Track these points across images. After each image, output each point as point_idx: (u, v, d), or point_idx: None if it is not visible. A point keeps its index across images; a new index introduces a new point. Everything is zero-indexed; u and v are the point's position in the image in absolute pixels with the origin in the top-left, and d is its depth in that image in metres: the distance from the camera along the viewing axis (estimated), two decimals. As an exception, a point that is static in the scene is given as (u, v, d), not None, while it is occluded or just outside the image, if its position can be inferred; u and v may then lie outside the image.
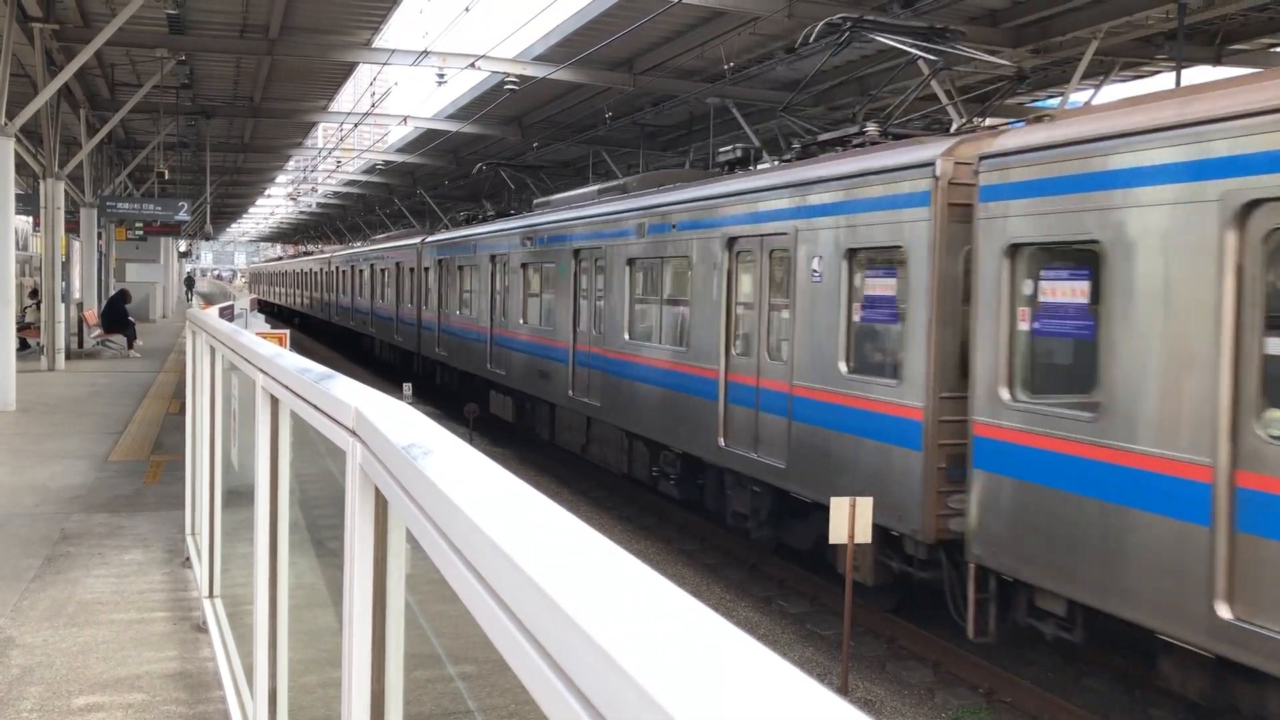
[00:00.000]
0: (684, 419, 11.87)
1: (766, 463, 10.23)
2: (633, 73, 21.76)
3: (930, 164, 8.21)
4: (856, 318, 9.23)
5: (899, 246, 8.57)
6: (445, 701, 4.72)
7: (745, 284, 11.01)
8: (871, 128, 10.34)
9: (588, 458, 15.34)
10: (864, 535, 8.01)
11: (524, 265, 17.48)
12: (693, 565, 11.83)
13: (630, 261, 13.48)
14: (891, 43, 11.82)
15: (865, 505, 8.02)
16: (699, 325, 11.60)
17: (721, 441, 11.06)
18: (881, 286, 8.98)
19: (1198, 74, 20.28)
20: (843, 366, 9.24)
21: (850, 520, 7.94)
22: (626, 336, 13.51)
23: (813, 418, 9.61)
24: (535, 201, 19.24)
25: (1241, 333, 5.87)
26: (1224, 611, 5.84)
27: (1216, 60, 17.62)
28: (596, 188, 16.69)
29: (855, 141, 10.38)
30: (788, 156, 12.59)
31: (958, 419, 8.05)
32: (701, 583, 11.12)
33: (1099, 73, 19.07)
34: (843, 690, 8.22)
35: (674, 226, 12.43)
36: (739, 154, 13.92)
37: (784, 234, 10.08)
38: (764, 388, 10.43)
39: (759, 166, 13.79)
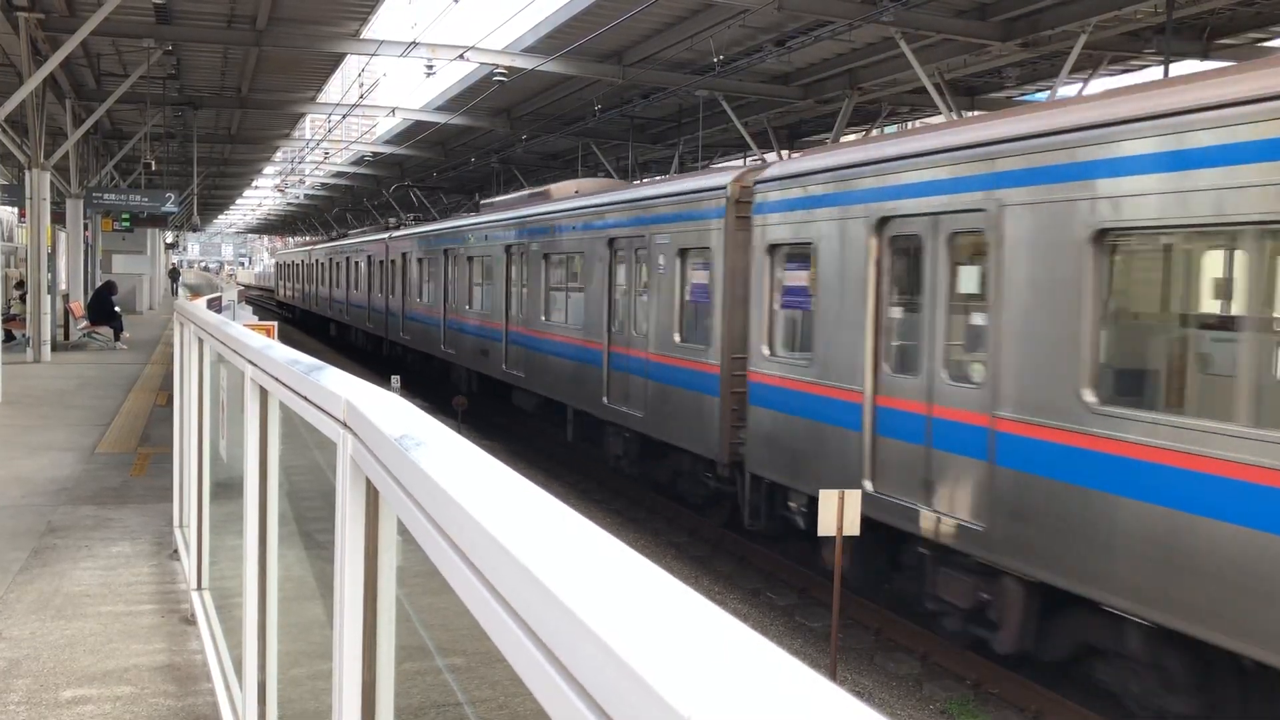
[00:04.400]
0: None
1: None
2: (622, 65, 21.72)
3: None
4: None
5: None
6: (435, 694, 4.72)
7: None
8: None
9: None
10: (852, 528, 8.02)
11: None
12: (682, 558, 11.84)
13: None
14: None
15: (854, 497, 8.03)
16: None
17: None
18: None
19: (1186, 68, 20.33)
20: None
21: (839, 513, 7.95)
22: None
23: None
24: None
25: None
26: None
27: (1204, 54, 17.67)
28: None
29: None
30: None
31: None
32: (690, 575, 11.14)
33: (1087, 66, 19.11)
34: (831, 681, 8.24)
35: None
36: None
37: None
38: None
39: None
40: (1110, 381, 6.75)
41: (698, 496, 12.57)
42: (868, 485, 8.71)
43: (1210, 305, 6.64)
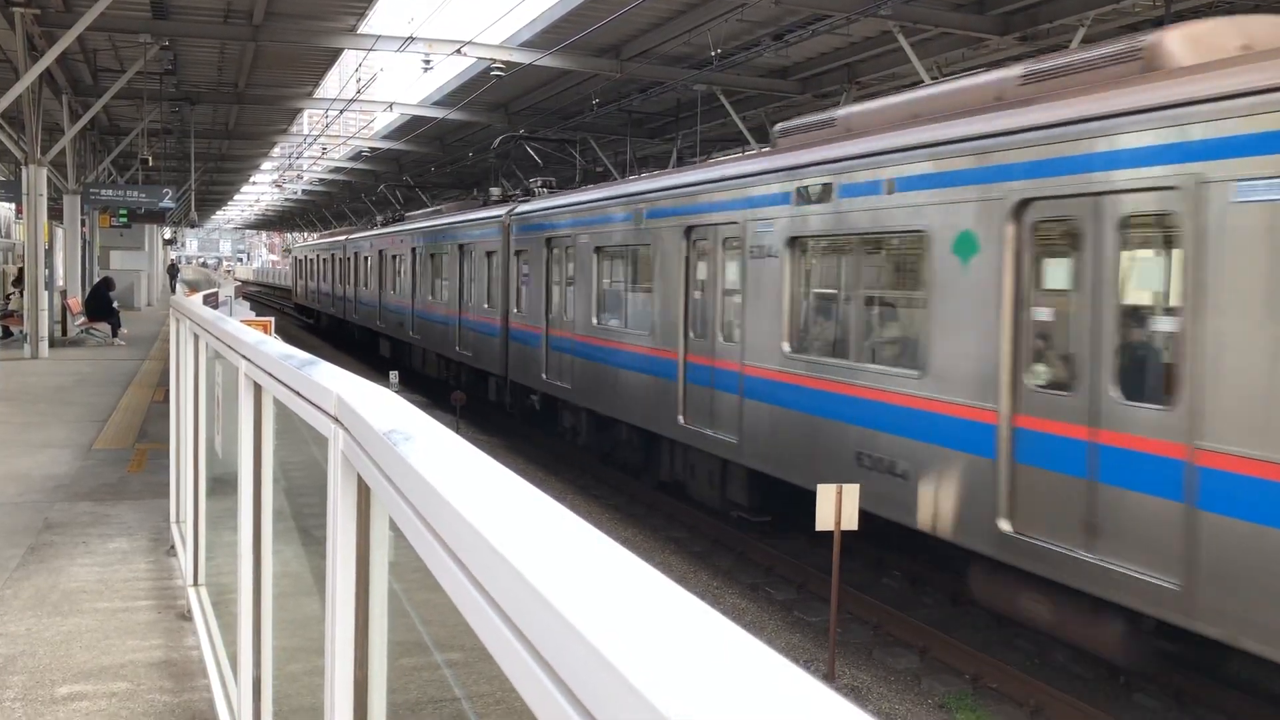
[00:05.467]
0: None
1: None
2: (619, 59, 21.70)
3: None
4: None
5: None
6: (431, 689, 4.71)
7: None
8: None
9: None
10: (850, 523, 8.01)
11: None
12: (681, 553, 11.84)
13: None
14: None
15: (852, 492, 8.02)
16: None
17: None
18: None
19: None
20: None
21: (837, 507, 7.95)
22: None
23: None
24: None
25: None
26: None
27: (1203, 48, 17.64)
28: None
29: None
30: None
31: None
32: (689, 570, 11.13)
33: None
34: (829, 677, 8.24)
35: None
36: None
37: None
38: None
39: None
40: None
41: None
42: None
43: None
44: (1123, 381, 6.59)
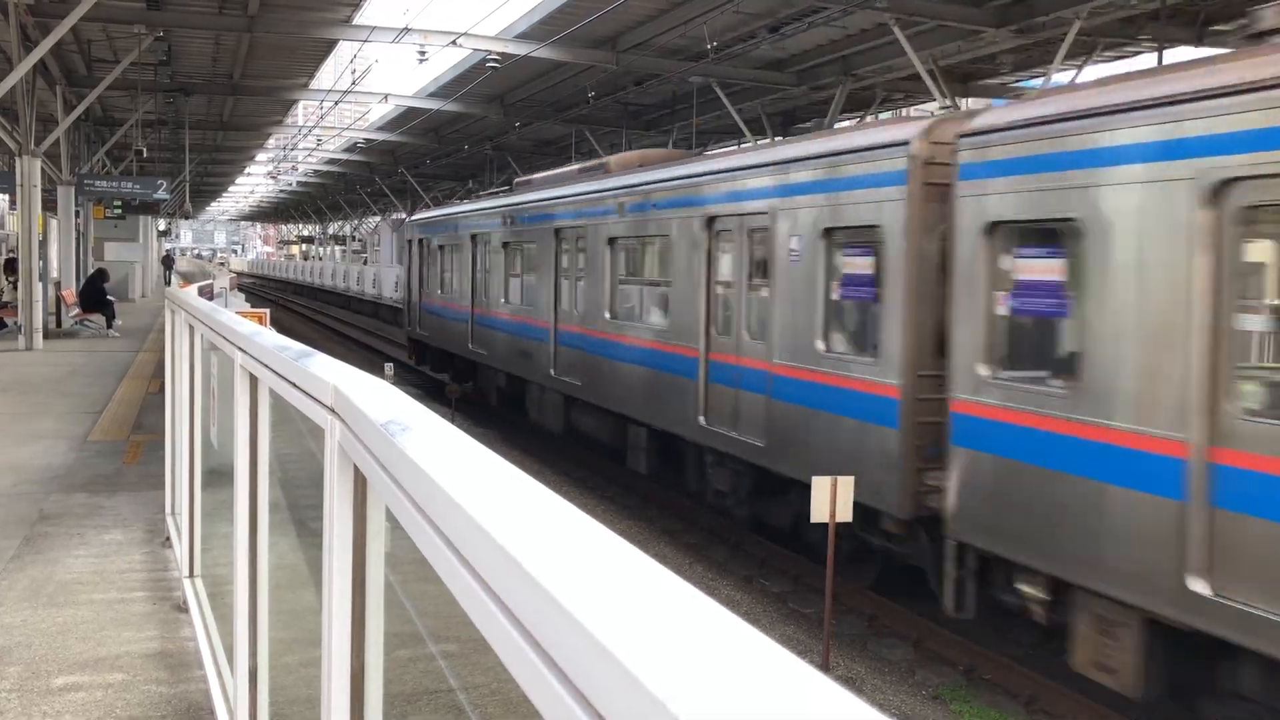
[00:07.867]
0: None
1: None
2: (615, 51, 21.64)
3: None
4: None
5: None
6: (427, 680, 4.71)
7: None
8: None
9: None
10: (845, 514, 8.03)
11: None
12: (675, 544, 11.85)
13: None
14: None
15: (846, 484, 8.04)
16: None
17: None
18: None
19: (1179, 55, 20.31)
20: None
21: (832, 499, 7.96)
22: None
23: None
24: None
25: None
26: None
27: (1198, 41, 17.65)
28: None
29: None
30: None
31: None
32: (684, 561, 11.15)
33: (1081, 53, 19.07)
34: (824, 668, 8.26)
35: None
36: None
37: None
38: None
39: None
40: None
41: None
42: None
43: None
44: None
